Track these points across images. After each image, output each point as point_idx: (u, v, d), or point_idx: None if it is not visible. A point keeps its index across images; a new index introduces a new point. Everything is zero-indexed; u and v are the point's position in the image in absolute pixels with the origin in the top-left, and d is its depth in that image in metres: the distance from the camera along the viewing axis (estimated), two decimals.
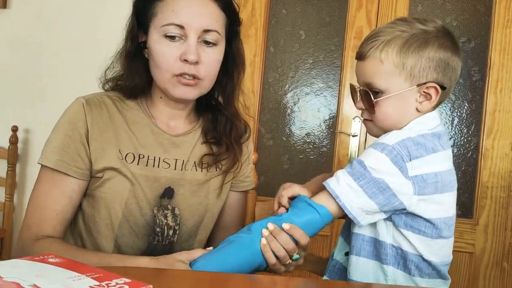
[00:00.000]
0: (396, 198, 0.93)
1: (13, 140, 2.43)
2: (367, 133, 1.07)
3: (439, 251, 1.00)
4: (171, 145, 1.08)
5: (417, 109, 1.00)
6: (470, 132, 2.29)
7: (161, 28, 0.98)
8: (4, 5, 2.49)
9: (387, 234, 0.98)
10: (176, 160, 1.07)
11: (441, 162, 0.98)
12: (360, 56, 1.01)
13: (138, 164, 1.03)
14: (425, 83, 0.98)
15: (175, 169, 1.07)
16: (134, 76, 1.06)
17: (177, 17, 0.97)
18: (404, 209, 0.94)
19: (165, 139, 1.07)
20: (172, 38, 0.98)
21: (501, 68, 2.24)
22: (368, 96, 1.00)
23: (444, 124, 2.30)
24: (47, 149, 1.01)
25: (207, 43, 1.00)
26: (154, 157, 1.05)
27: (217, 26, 1.01)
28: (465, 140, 2.29)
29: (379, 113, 1.00)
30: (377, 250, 0.99)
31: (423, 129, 0.99)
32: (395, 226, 0.97)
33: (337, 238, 2.40)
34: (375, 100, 0.99)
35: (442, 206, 0.98)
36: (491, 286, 2.24)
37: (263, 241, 0.92)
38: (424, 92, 0.99)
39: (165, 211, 1.06)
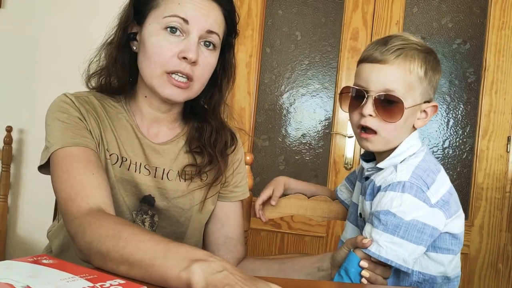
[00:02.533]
0: (437, 231, 0.95)
1: (8, 141, 2.42)
2: (362, 147, 1.06)
3: (458, 263, 1.04)
4: (152, 152, 1.03)
5: (413, 125, 1.03)
6: (465, 133, 2.30)
7: (163, 19, 0.94)
8: (0, 5, 2.48)
9: (414, 263, 0.98)
10: (156, 168, 1.03)
11: (446, 178, 1.01)
12: (381, 60, 0.98)
13: (120, 167, 1.00)
14: (429, 101, 1.02)
15: (155, 177, 1.02)
16: (118, 69, 1.01)
17: (183, 10, 0.93)
18: (440, 232, 0.97)
19: (147, 145, 1.03)
20: (173, 31, 0.93)
21: (496, 69, 2.24)
22: (387, 102, 0.97)
23: (439, 126, 2.31)
24: (52, 139, 0.93)
25: (207, 45, 0.96)
26: (136, 162, 1.01)
27: (219, 31, 0.98)
28: (460, 141, 2.30)
29: (396, 124, 0.98)
30: (398, 278, 1.00)
31: (413, 151, 1.01)
32: (424, 252, 0.98)
33: (333, 239, 2.40)
34: (406, 108, 0.97)
35: (463, 218, 1.03)
36: (486, 287, 2.24)
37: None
38: (424, 110, 1.02)
39: (144, 216, 1.02)
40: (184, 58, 0.93)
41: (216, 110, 1.09)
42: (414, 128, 1.04)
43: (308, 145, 2.42)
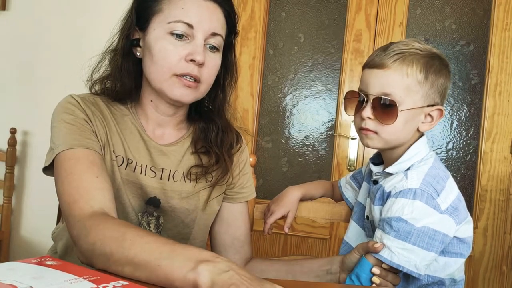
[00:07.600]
0: (447, 237, 0.96)
1: (12, 142, 2.43)
2: (363, 144, 1.07)
3: (462, 265, 1.04)
4: (158, 154, 1.03)
5: (418, 128, 1.03)
6: (469, 135, 2.29)
7: (168, 24, 0.95)
8: (4, 7, 2.50)
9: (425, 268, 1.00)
10: (163, 169, 1.03)
11: (454, 185, 1.02)
12: (380, 65, 1.00)
13: (125, 169, 1.00)
14: (433, 105, 1.02)
15: (161, 178, 1.03)
16: (124, 76, 1.01)
17: (187, 15, 0.94)
18: (450, 238, 0.98)
19: (153, 147, 1.03)
20: (179, 36, 0.95)
21: (500, 71, 2.24)
22: (384, 105, 0.99)
23: (443, 127, 2.30)
24: (57, 141, 0.93)
25: (211, 47, 0.98)
26: (142, 164, 1.01)
27: (222, 32, 1.00)
28: (464, 143, 2.29)
29: (392, 126, 1.00)
30: (407, 282, 1.01)
31: (421, 157, 1.02)
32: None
33: (336, 241, 2.40)
34: (400, 110, 0.98)
35: (471, 223, 1.04)
36: None
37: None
38: (429, 113, 1.03)
39: (149, 218, 1.03)
40: (192, 60, 0.94)
41: (221, 110, 1.10)
42: (419, 132, 1.04)
43: (311, 146, 2.41)
